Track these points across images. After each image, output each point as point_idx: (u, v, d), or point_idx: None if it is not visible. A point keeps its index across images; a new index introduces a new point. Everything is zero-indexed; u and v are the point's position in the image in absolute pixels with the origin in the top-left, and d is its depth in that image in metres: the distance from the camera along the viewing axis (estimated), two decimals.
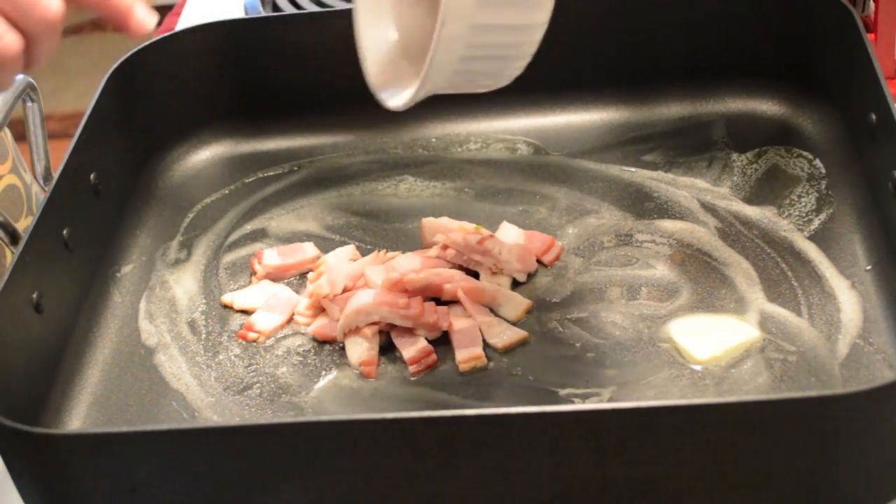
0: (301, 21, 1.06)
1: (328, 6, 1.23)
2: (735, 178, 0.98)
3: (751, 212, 0.95)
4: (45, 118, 0.95)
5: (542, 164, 1.03)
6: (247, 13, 1.24)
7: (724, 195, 0.97)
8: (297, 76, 1.07)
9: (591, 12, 1.03)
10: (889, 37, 1.07)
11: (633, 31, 1.04)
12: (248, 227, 1.01)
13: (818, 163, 0.98)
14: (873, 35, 1.07)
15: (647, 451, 0.70)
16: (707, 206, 0.96)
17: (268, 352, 0.88)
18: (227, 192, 1.05)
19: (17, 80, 0.90)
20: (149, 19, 0.69)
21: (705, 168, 1.00)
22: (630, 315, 0.87)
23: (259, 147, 1.09)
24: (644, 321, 0.86)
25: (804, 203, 0.94)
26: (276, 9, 1.25)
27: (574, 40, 1.02)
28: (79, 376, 0.87)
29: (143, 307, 0.93)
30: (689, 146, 1.02)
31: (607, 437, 0.69)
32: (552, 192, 1.00)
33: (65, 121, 2.69)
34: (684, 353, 0.83)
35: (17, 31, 0.68)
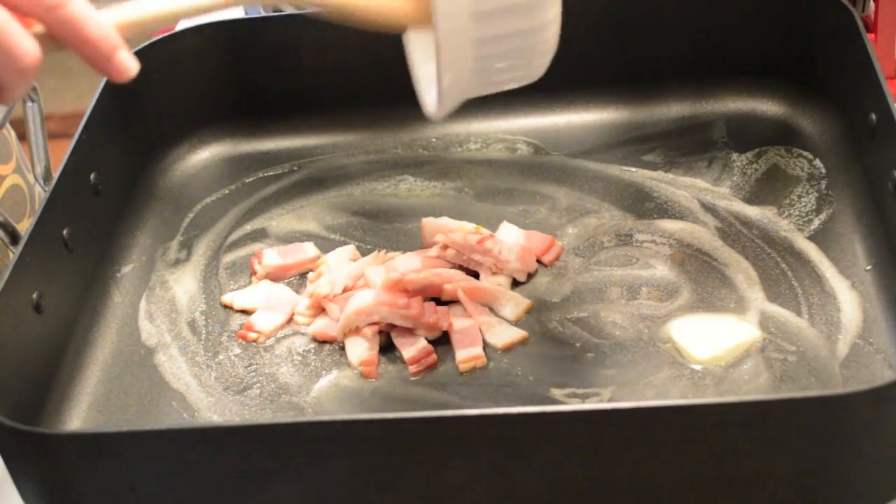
0: (301, 21, 1.06)
1: None
2: (735, 178, 0.98)
3: (751, 212, 0.95)
4: (45, 118, 0.95)
5: (542, 164, 1.03)
6: (246, 13, 1.24)
7: (724, 195, 0.97)
8: (296, 76, 1.07)
9: (590, 12, 1.03)
10: (889, 37, 1.07)
11: (633, 31, 1.04)
12: (248, 227, 1.00)
13: (818, 163, 0.98)
14: (873, 35, 1.07)
15: (647, 451, 0.70)
16: (707, 206, 0.96)
17: (268, 352, 0.88)
18: (227, 192, 1.05)
19: None
20: (132, 65, 0.67)
21: (705, 168, 1.00)
22: (630, 315, 0.87)
23: (259, 147, 1.09)
24: (644, 321, 0.86)
25: (804, 203, 0.94)
26: (275, 9, 1.25)
27: (574, 40, 1.01)
28: (79, 376, 0.87)
29: (143, 307, 0.93)
30: (689, 146, 1.02)
31: (607, 437, 0.69)
32: (552, 192, 1.00)
33: (65, 121, 2.68)
34: (684, 352, 0.83)
35: None
